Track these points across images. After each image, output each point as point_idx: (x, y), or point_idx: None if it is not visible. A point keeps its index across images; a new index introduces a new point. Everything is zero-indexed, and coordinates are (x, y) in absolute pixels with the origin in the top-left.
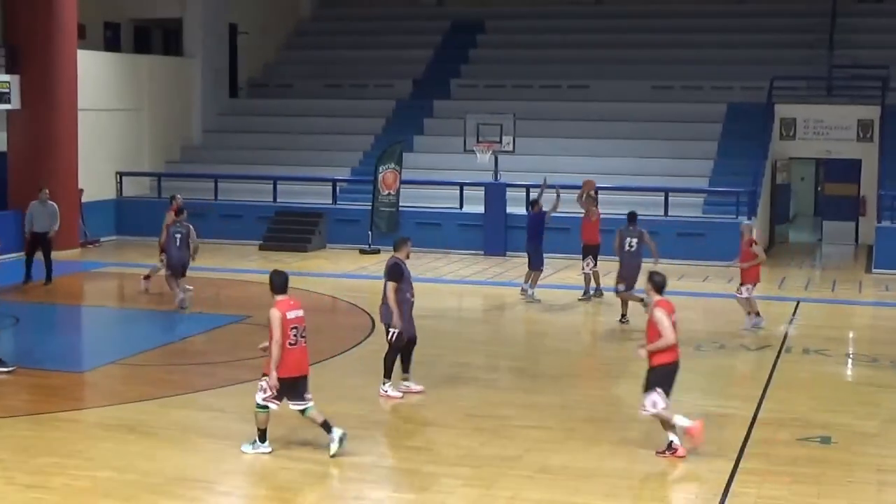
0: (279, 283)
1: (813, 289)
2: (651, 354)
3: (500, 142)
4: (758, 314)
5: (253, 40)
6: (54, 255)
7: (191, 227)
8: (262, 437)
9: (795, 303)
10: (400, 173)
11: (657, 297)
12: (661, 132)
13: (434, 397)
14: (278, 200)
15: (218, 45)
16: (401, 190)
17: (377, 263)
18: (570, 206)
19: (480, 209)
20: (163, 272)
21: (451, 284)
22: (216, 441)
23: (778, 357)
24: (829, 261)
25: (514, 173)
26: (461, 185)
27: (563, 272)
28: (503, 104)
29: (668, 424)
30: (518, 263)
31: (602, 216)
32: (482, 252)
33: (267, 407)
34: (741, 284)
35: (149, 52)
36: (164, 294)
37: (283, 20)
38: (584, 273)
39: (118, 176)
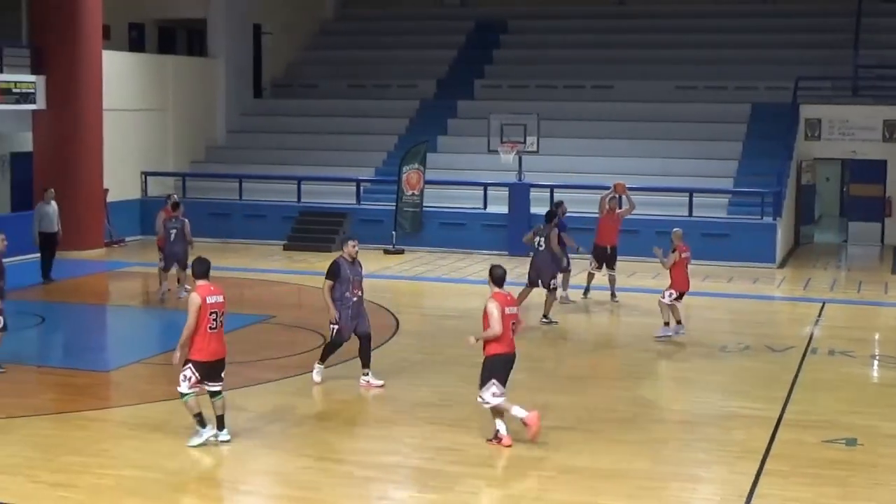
0: (200, 270)
1: (838, 290)
2: (484, 345)
3: (524, 142)
4: (679, 322)
5: (277, 40)
6: (84, 254)
7: (186, 221)
8: (202, 421)
9: (821, 304)
10: (424, 173)
11: (495, 290)
12: (686, 132)
13: (457, 397)
14: (302, 200)
15: (242, 46)
16: (424, 190)
17: (401, 264)
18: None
19: (504, 209)
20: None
21: (474, 285)
22: (240, 440)
23: (803, 358)
24: (855, 262)
25: (538, 173)
26: (485, 186)
27: (584, 273)
28: (527, 104)
29: (498, 412)
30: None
31: (628, 217)
32: (506, 252)
33: (191, 394)
34: (667, 288)
35: (173, 53)
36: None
37: (307, 20)
38: (588, 272)
39: (143, 176)
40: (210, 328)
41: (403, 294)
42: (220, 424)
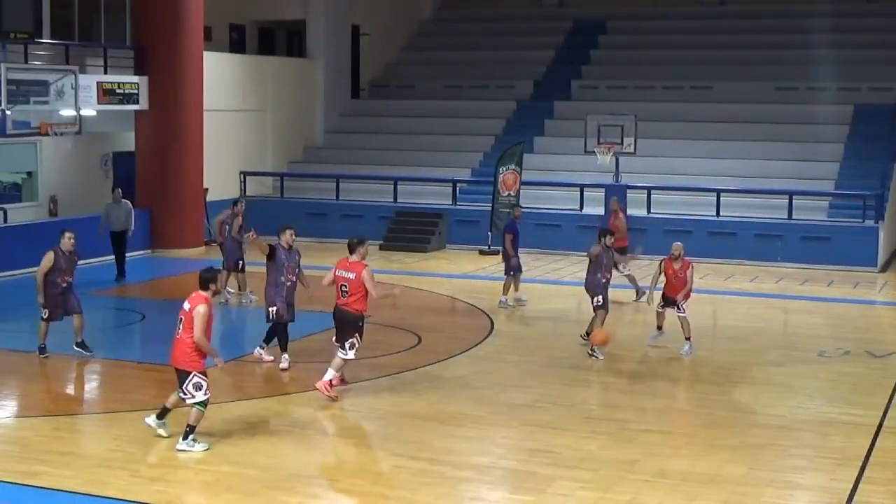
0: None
1: None
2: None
3: (622, 143)
4: (660, 328)
5: (375, 41)
6: (184, 252)
7: (242, 222)
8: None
9: None
10: (520, 174)
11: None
12: (786, 134)
13: (552, 399)
14: (399, 201)
15: (340, 47)
16: (521, 191)
17: (496, 265)
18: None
19: (601, 211)
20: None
21: (570, 286)
22: (335, 439)
23: None
24: None
25: (635, 175)
26: (581, 187)
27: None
28: (624, 105)
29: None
30: (638, 265)
31: (726, 219)
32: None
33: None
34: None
35: (273, 54)
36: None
37: (405, 21)
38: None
39: (242, 176)
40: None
41: (498, 295)
42: (164, 414)
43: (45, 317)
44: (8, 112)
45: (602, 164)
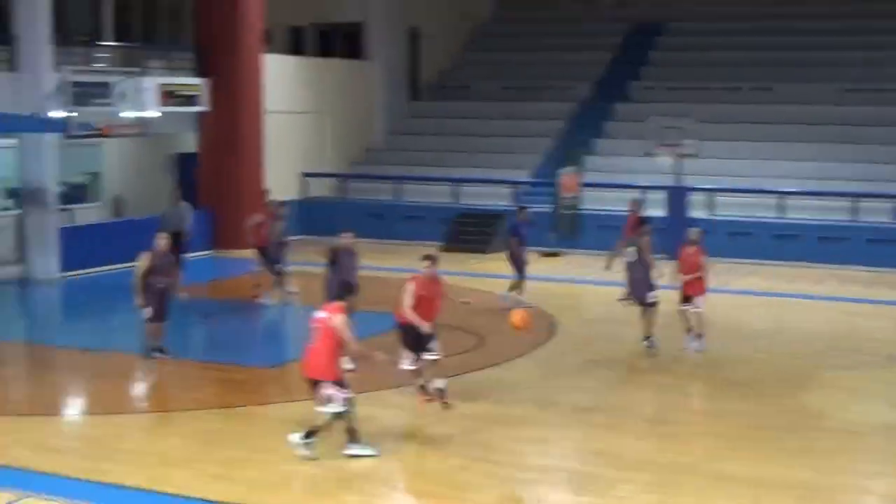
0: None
1: None
2: None
3: (682, 145)
4: (689, 330)
5: (433, 43)
6: (245, 252)
7: (282, 223)
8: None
9: None
10: (581, 176)
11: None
12: (849, 136)
13: (613, 401)
14: (459, 202)
15: (399, 48)
16: (581, 193)
17: (558, 266)
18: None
19: (662, 213)
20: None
21: None
22: (400, 440)
23: None
24: None
25: (697, 177)
26: (642, 189)
27: (748, 277)
28: (684, 107)
29: None
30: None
31: (790, 221)
32: (665, 256)
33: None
34: (697, 296)
35: (332, 56)
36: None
37: (464, 23)
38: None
39: (302, 177)
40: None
41: (560, 297)
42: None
43: (148, 317)
44: (71, 114)
45: (662, 166)
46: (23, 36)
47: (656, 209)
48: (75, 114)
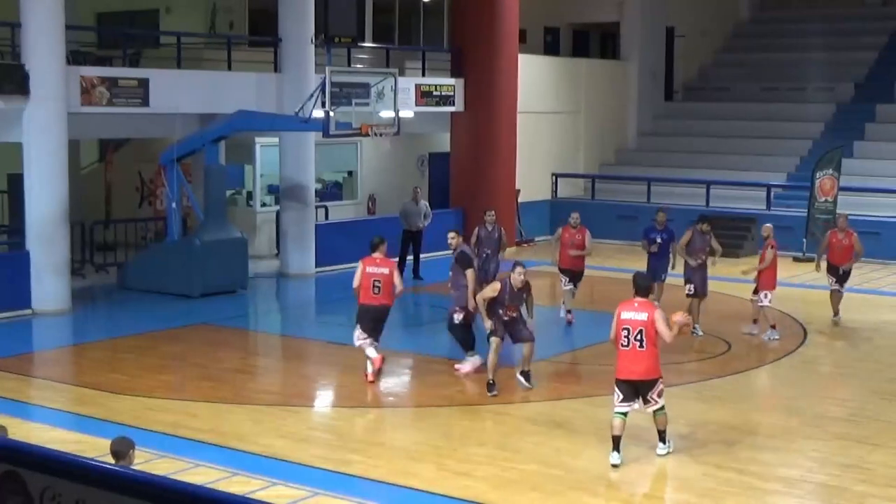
0: (643, 285)
1: None
2: None
3: None
4: (756, 322)
5: (689, 43)
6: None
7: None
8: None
9: None
10: (838, 179)
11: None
12: None
13: (866, 413)
14: (710, 205)
15: (654, 49)
16: (838, 197)
17: (811, 273)
18: None
19: None
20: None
21: (889, 297)
22: (640, 443)
23: None
24: None
25: None
26: None
27: None
28: None
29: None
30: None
31: None
32: None
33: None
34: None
35: (586, 56)
36: (595, 294)
37: (721, 22)
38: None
39: (553, 177)
40: (622, 345)
41: (814, 304)
42: (660, 438)
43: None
44: (332, 114)
45: None
46: (288, 38)
47: None
48: (334, 114)
